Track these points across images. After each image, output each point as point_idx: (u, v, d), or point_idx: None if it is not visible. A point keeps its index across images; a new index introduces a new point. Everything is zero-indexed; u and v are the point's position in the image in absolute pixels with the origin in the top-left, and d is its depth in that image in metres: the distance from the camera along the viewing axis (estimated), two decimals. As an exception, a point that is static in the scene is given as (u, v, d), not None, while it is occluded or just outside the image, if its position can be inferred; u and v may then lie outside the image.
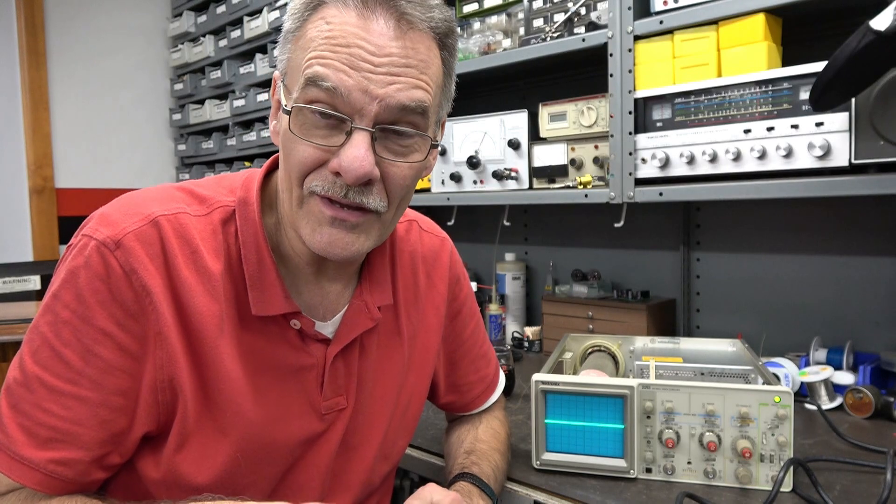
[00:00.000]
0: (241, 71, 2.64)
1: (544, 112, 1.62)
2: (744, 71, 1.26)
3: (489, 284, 2.04)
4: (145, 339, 0.70)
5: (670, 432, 0.97)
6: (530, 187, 1.65)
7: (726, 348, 1.27)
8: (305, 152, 0.69)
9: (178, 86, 3.04)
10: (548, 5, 1.60)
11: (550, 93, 1.82)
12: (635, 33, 1.38)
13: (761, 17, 1.23)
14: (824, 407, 1.26)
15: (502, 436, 1.04)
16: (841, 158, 1.14)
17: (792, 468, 0.93)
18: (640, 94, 1.38)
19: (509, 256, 2.03)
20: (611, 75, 1.42)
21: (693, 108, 1.31)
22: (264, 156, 2.57)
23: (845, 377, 1.31)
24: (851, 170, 1.14)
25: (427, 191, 1.86)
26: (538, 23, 1.62)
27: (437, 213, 1.47)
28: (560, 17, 1.56)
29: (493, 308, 1.95)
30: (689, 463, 0.98)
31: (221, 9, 2.72)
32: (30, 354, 0.68)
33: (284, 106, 0.70)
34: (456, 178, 1.76)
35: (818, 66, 1.14)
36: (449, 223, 1.81)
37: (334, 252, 0.71)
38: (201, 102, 2.90)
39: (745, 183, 1.24)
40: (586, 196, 1.49)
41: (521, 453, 1.09)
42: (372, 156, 0.68)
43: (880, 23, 0.87)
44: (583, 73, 1.76)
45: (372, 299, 0.84)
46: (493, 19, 1.75)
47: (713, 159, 1.28)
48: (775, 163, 1.21)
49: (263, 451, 0.77)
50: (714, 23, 1.29)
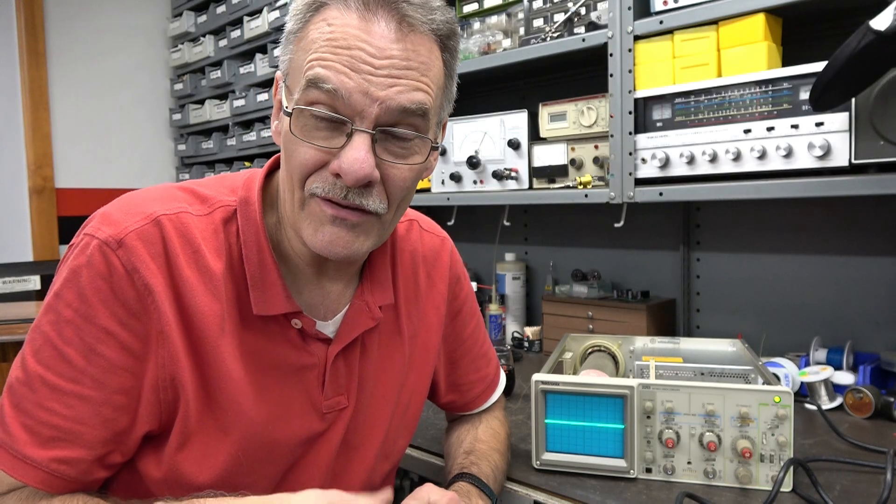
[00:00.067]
0: (241, 71, 2.64)
1: (544, 112, 1.62)
2: (744, 71, 1.26)
3: (489, 284, 2.04)
4: (147, 338, 0.70)
5: (670, 432, 0.97)
6: (530, 187, 1.65)
7: (726, 348, 1.27)
8: (306, 154, 0.69)
9: (178, 86, 3.04)
10: (548, 5, 1.60)
11: (550, 93, 1.82)
12: (635, 33, 1.38)
13: (761, 17, 1.23)
14: (824, 407, 1.26)
15: (502, 436, 1.04)
16: (841, 158, 1.14)
17: (792, 468, 0.93)
18: (640, 94, 1.38)
19: (509, 256, 2.03)
20: (611, 75, 1.43)
21: (693, 108, 1.31)
22: (264, 156, 2.57)
23: (845, 377, 1.31)
24: (851, 170, 1.14)
25: (427, 191, 1.86)
26: (538, 23, 1.62)
27: (437, 213, 1.47)
28: (560, 17, 1.56)
29: (493, 308, 1.95)
30: (689, 463, 0.98)
31: (221, 9, 2.72)
32: (32, 354, 0.69)
33: (286, 107, 0.70)
34: (456, 178, 1.77)
35: (818, 66, 1.14)
36: (449, 223, 1.81)
37: (335, 251, 0.71)
38: (201, 102, 2.89)
39: (745, 183, 1.24)
40: (586, 196, 1.50)
41: (521, 453, 1.09)
42: (372, 158, 0.68)
43: (880, 23, 0.87)
44: (583, 73, 1.76)
45: (373, 299, 0.84)
46: (493, 19, 1.75)
47: (713, 159, 1.28)
48: (775, 163, 1.21)
49: (264, 450, 0.78)
50: (714, 23, 1.29)
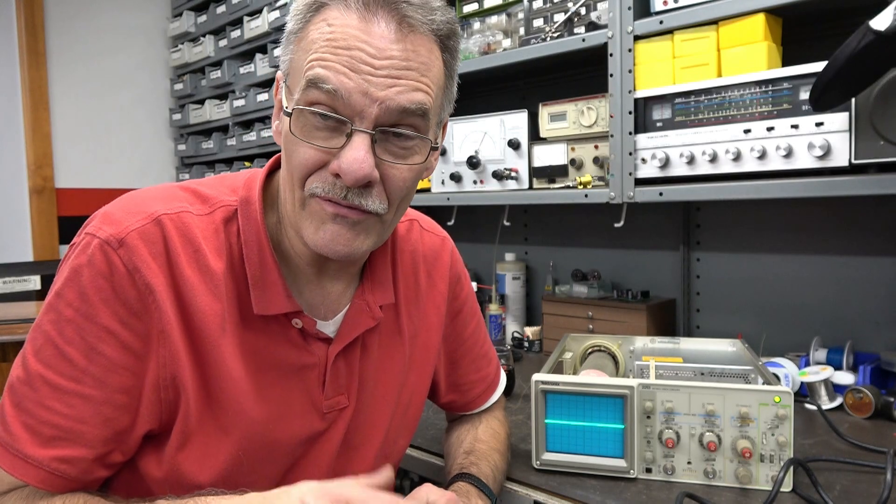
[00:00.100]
0: (241, 71, 2.64)
1: (544, 112, 1.62)
2: (744, 71, 1.26)
3: (489, 284, 2.04)
4: (148, 338, 0.70)
5: (670, 432, 0.97)
6: (530, 187, 1.65)
7: (726, 348, 1.27)
8: (306, 154, 0.69)
9: (178, 86, 3.04)
10: (548, 5, 1.60)
11: (550, 93, 1.82)
12: (635, 33, 1.38)
13: (761, 17, 1.23)
14: (824, 407, 1.26)
15: (502, 436, 1.04)
16: (841, 158, 1.14)
17: (792, 468, 0.93)
18: (640, 94, 1.38)
19: (509, 256, 2.03)
20: (611, 75, 1.43)
21: (693, 108, 1.31)
22: (264, 156, 2.57)
23: (845, 377, 1.31)
24: (851, 170, 1.14)
25: (427, 191, 1.86)
26: (538, 23, 1.62)
27: (437, 213, 1.47)
28: (560, 17, 1.56)
29: (493, 308, 1.95)
30: (689, 463, 0.98)
31: (221, 9, 2.72)
32: (33, 353, 0.69)
33: (286, 107, 0.71)
34: (456, 178, 1.77)
35: (818, 66, 1.14)
36: (449, 223, 1.81)
37: (336, 249, 0.71)
38: (201, 102, 2.89)
39: (745, 183, 1.24)
40: (586, 196, 1.50)
41: (521, 453, 1.09)
42: (372, 158, 0.68)
43: (880, 23, 0.87)
44: (583, 73, 1.76)
45: (373, 298, 0.84)
46: (493, 19, 1.75)
47: (713, 159, 1.28)
48: (775, 163, 1.21)
49: (265, 449, 0.78)
50: (714, 23, 1.29)
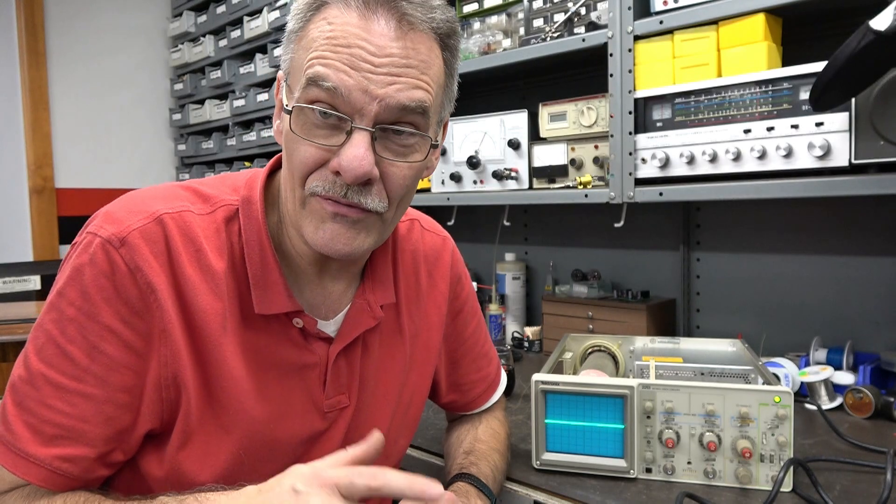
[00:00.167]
0: (241, 71, 2.64)
1: (544, 112, 1.62)
2: (744, 71, 1.26)
3: (489, 284, 2.04)
4: (150, 337, 0.70)
5: (670, 432, 0.97)
6: (530, 187, 1.65)
7: (726, 348, 1.27)
8: (307, 152, 0.69)
9: (178, 86, 3.04)
10: (548, 5, 1.60)
11: (550, 93, 1.82)
12: (635, 33, 1.38)
13: (761, 17, 1.23)
14: (824, 407, 1.26)
15: (502, 436, 1.04)
16: (841, 158, 1.14)
17: (792, 468, 0.93)
18: (640, 94, 1.38)
19: (509, 256, 2.03)
20: (611, 75, 1.43)
21: (693, 108, 1.31)
22: (264, 156, 2.57)
23: (845, 377, 1.31)
24: (851, 170, 1.14)
25: (427, 191, 1.86)
26: (538, 23, 1.62)
27: (437, 213, 1.47)
28: (560, 17, 1.56)
29: (493, 308, 1.95)
30: (689, 463, 0.98)
31: (221, 9, 2.72)
32: (35, 352, 0.69)
33: (286, 106, 0.71)
34: (456, 178, 1.77)
35: (818, 66, 1.14)
36: (449, 223, 1.81)
37: (336, 248, 0.71)
38: (201, 102, 2.89)
39: (745, 183, 1.24)
40: (586, 196, 1.50)
41: (521, 453, 1.09)
42: (371, 155, 0.68)
43: (880, 23, 0.87)
44: (583, 73, 1.76)
45: (374, 298, 0.84)
46: (493, 19, 1.75)
47: (713, 159, 1.28)
48: (775, 163, 1.21)
49: (266, 449, 0.78)
50: (714, 23, 1.29)
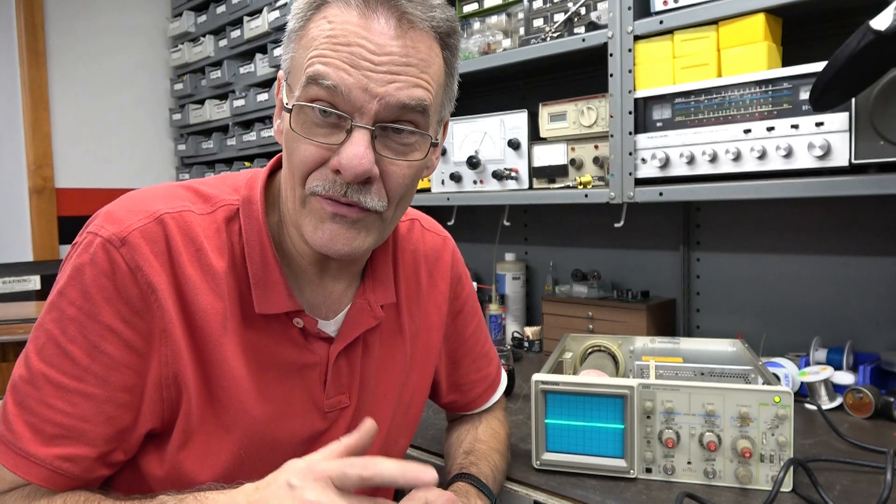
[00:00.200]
0: (241, 71, 2.64)
1: (544, 112, 1.62)
2: (744, 71, 1.26)
3: (489, 284, 2.04)
4: (150, 336, 0.70)
5: (670, 432, 0.97)
6: (530, 187, 1.65)
7: (726, 348, 1.27)
8: (307, 151, 0.69)
9: (178, 86, 3.04)
10: (548, 5, 1.60)
11: (550, 93, 1.82)
12: (635, 33, 1.38)
13: (761, 17, 1.23)
14: (824, 407, 1.26)
15: (502, 436, 1.04)
16: (841, 158, 1.14)
17: (792, 468, 0.93)
18: (640, 94, 1.38)
19: (509, 256, 2.03)
20: (611, 75, 1.43)
21: (693, 108, 1.31)
22: (264, 156, 2.57)
23: (845, 377, 1.31)
24: (851, 170, 1.14)
25: (427, 191, 1.86)
26: (538, 23, 1.62)
27: (437, 213, 1.46)
28: (560, 17, 1.56)
29: (493, 308, 1.95)
30: (689, 463, 0.98)
31: (221, 9, 2.72)
32: (35, 352, 0.69)
33: (286, 104, 0.71)
34: (456, 178, 1.77)
35: (818, 66, 1.14)
36: (449, 223, 1.81)
37: (336, 248, 0.71)
38: (201, 102, 2.89)
39: (745, 183, 1.24)
40: (586, 196, 1.49)
41: (521, 453, 1.09)
42: (371, 154, 0.68)
43: (880, 23, 0.87)
44: (583, 73, 1.76)
45: (375, 298, 0.84)
46: (493, 19, 1.75)
47: (713, 159, 1.28)
48: (775, 163, 1.21)
49: (266, 448, 0.77)
50: (714, 23, 1.29)
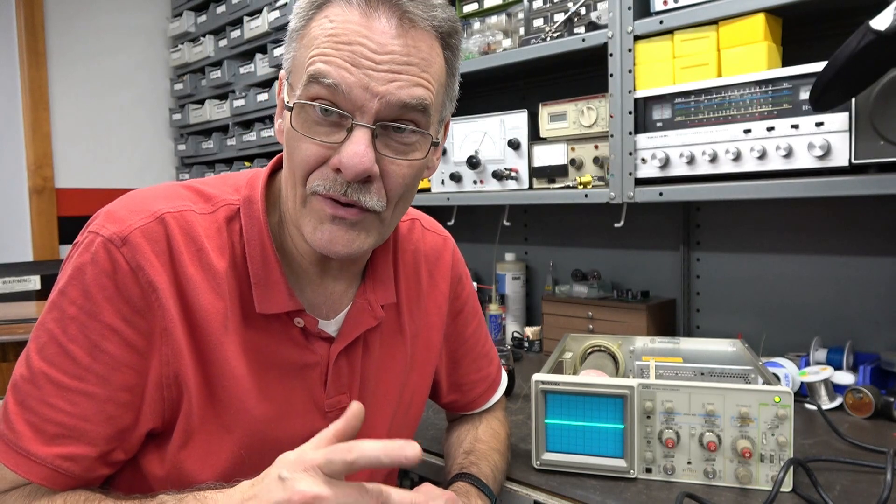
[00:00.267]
0: (241, 71, 2.64)
1: (544, 112, 1.62)
2: (744, 71, 1.26)
3: (489, 284, 2.04)
4: (151, 336, 0.70)
5: (670, 432, 0.97)
6: (530, 187, 1.65)
7: (726, 348, 1.27)
8: (308, 150, 0.69)
9: (178, 86, 3.04)
10: (548, 5, 1.60)
11: (550, 93, 1.82)
12: (635, 33, 1.38)
13: (761, 17, 1.23)
14: (824, 407, 1.26)
15: (502, 436, 1.04)
16: (841, 158, 1.14)
17: (792, 468, 0.93)
18: (640, 94, 1.38)
19: (509, 256, 2.03)
20: (611, 75, 1.43)
21: (693, 108, 1.31)
22: (264, 156, 2.57)
23: (845, 377, 1.31)
24: (851, 170, 1.14)
25: (427, 191, 1.86)
26: (538, 23, 1.62)
27: (437, 213, 1.46)
28: (560, 17, 1.56)
29: (493, 308, 1.95)
30: (689, 463, 0.98)
31: (221, 9, 2.72)
32: (36, 351, 0.69)
33: (287, 103, 0.71)
34: (456, 178, 1.77)
35: (818, 66, 1.14)
36: (449, 223, 1.81)
37: (335, 249, 0.72)
38: (201, 102, 2.89)
39: (745, 183, 1.24)
40: (586, 196, 1.50)
41: (521, 453, 1.09)
42: (372, 152, 0.68)
43: (880, 23, 0.87)
44: (583, 73, 1.76)
45: (375, 297, 0.84)
46: (493, 19, 1.75)
47: (713, 159, 1.28)
48: (775, 163, 1.21)
49: (267, 448, 0.77)
50: (714, 23, 1.29)
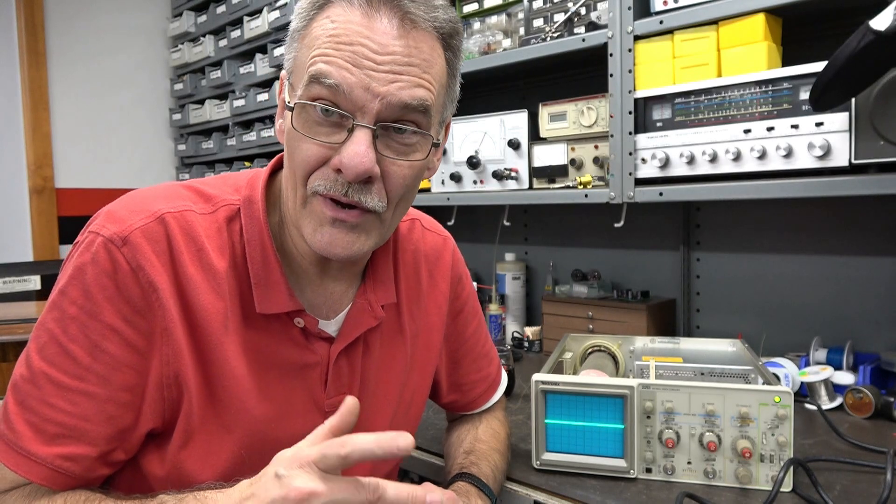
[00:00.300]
0: (241, 71, 2.64)
1: (544, 112, 1.62)
2: (744, 71, 1.26)
3: (489, 284, 2.04)
4: (152, 336, 0.70)
5: (670, 432, 0.97)
6: (530, 187, 1.65)
7: (726, 348, 1.27)
8: (309, 150, 0.69)
9: (178, 86, 3.04)
10: (548, 5, 1.60)
11: (550, 93, 1.82)
12: (635, 33, 1.38)
13: (761, 17, 1.23)
14: (824, 407, 1.26)
15: (502, 436, 1.04)
16: (841, 158, 1.14)
17: (792, 468, 0.93)
18: (640, 94, 1.38)
19: (509, 256, 2.03)
20: (611, 75, 1.43)
21: (693, 108, 1.31)
22: (264, 156, 2.57)
23: (845, 377, 1.31)
24: (851, 170, 1.14)
25: (427, 191, 1.86)
26: (538, 23, 1.62)
27: (437, 213, 1.46)
28: (560, 17, 1.56)
29: (493, 308, 1.95)
30: (689, 463, 0.98)
31: (221, 9, 2.72)
32: (36, 351, 0.69)
33: (288, 103, 0.71)
34: (456, 178, 1.77)
35: (818, 66, 1.14)
36: (449, 223, 1.81)
37: (335, 252, 0.72)
38: (201, 102, 2.89)
39: (745, 183, 1.24)
40: (586, 196, 1.50)
41: (521, 453, 1.09)
42: (373, 153, 0.68)
43: (880, 23, 0.87)
44: (583, 73, 1.76)
45: (375, 298, 0.84)
46: (493, 19, 1.75)
47: (713, 159, 1.28)
48: (775, 163, 1.21)
49: (267, 448, 0.77)
50: (714, 23, 1.29)
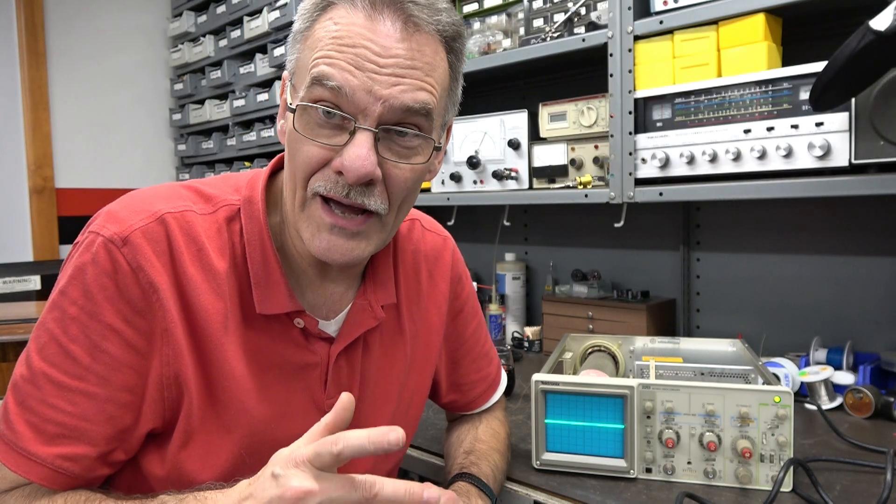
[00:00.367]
0: (241, 71, 2.64)
1: (544, 112, 1.62)
2: (744, 71, 1.26)
3: (489, 284, 2.04)
4: (152, 336, 0.70)
5: (670, 432, 0.97)
6: (530, 187, 1.65)
7: (726, 348, 1.27)
8: (310, 152, 0.69)
9: (178, 86, 3.04)
10: (548, 5, 1.60)
11: (550, 93, 1.82)
12: (635, 33, 1.38)
13: (761, 17, 1.23)
14: (824, 407, 1.26)
15: (502, 436, 1.04)
16: (841, 158, 1.14)
17: (792, 468, 0.93)
18: (640, 94, 1.38)
19: (509, 256, 2.03)
20: (611, 75, 1.43)
21: (693, 108, 1.31)
22: (264, 156, 2.57)
23: (845, 377, 1.31)
24: (851, 170, 1.14)
25: (427, 191, 1.86)
26: (538, 23, 1.62)
27: (437, 213, 1.47)
28: (560, 17, 1.56)
29: (493, 308, 1.95)
30: (689, 463, 0.98)
31: (221, 9, 2.72)
32: (37, 351, 0.69)
33: (290, 104, 0.71)
34: (456, 178, 1.77)
35: (818, 66, 1.14)
36: (449, 223, 1.81)
37: (333, 257, 0.72)
38: (201, 102, 2.89)
39: (745, 183, 1.24)
40: (586, 196, 1.50)
41: (521, 453, 1.09)
42: (374, 156, 0.68)
43: (880, 23, 0.87)
44: (583, 73, 1.76)
45: (375, 298, 0.85)
46: (493, 19, 1.75)
47: (713, 159, 1.28)
48: (775, 163, 1.21)
49: (267, 448, 0.77)
50: (714, 23, 1.29)
